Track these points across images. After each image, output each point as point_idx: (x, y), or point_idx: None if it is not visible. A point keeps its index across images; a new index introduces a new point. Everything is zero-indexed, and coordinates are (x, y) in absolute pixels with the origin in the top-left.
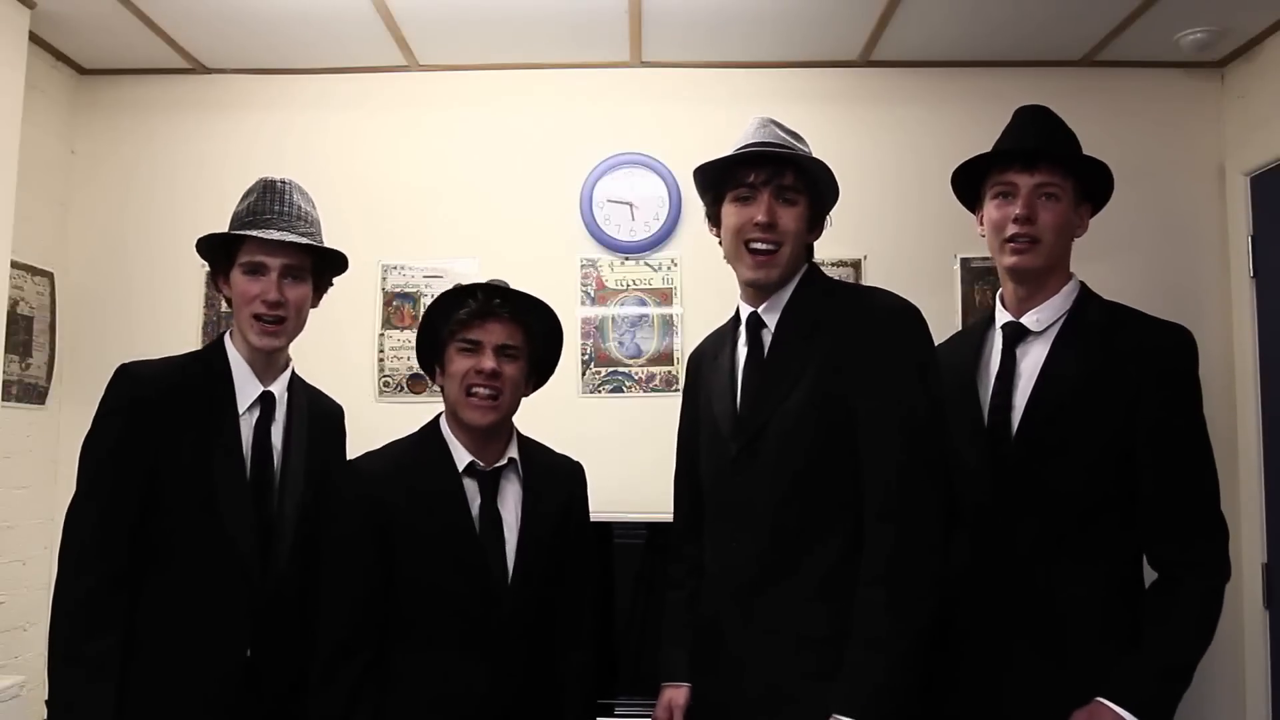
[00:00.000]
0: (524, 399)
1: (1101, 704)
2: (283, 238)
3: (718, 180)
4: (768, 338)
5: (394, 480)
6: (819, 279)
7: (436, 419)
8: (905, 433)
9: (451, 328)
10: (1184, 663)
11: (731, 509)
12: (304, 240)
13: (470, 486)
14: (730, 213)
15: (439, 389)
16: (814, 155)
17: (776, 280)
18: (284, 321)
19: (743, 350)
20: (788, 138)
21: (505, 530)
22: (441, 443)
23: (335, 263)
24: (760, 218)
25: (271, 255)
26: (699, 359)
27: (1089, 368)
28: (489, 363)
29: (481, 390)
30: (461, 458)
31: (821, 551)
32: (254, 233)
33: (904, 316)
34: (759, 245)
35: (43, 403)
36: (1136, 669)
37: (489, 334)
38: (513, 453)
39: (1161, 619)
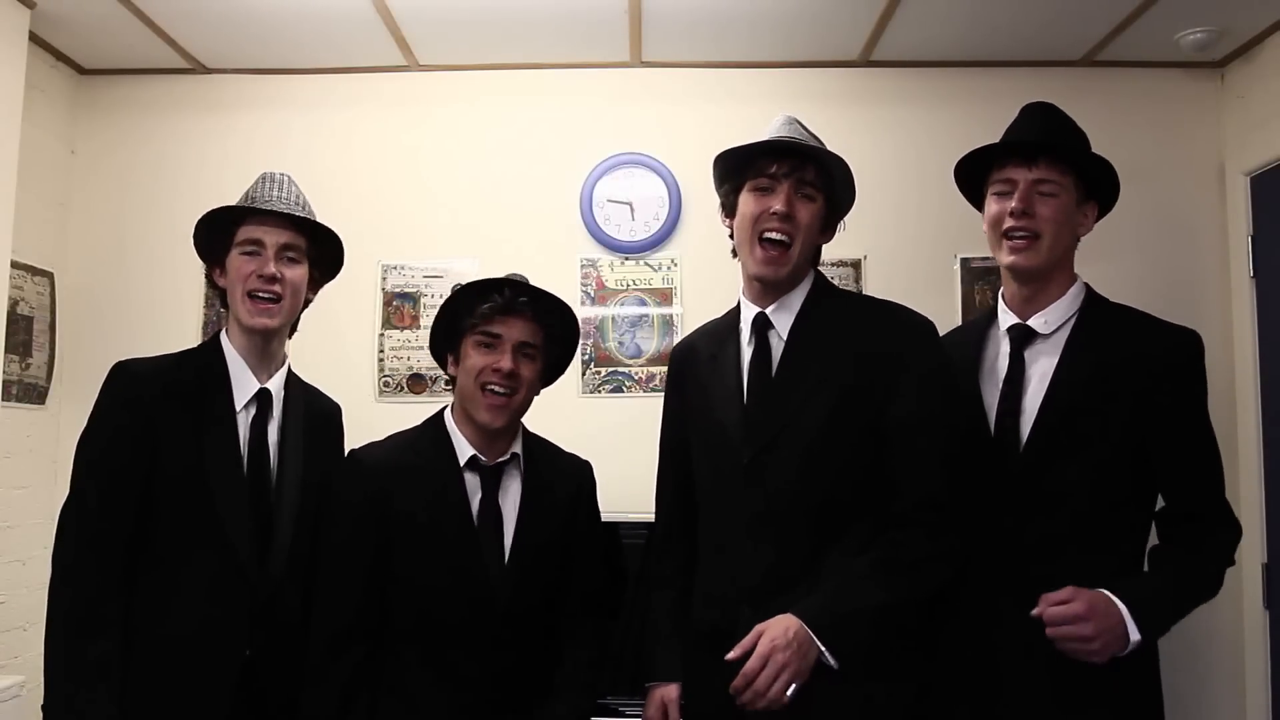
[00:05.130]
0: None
1: (1099, 590)
2: (281, 209)
3: (738, 169)
4: (775, 340)
5: (394, 471)
6: (830, 288)
7: (441, 412)
8: (937, 444)
9: (473, 320)
10: (1184, 592)
11: (744, 515)
12: (301, 214)
13: (471, 480)
14: (748, 201)
15: (448, 380)
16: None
17: (785, 278)
18: (279, 300)
19: (747, 352)
20: (810, 139)
21: (504, 524)
22: (444, 436)
23: (331, 253)
24: (778, 207)
25: (269, 232)
26: (688, 355)
27: (1100, 373)
28: (507, 362)
29: (497, 389)
30: (464, 451)
31: (838, 552)
32: (253, 205)
33: (931, 334)
34: (773, 235)
35: (43, 403)
36: (1140, 578)
37: (511, 330)
38: (516, 448)
39: (1169, 559)
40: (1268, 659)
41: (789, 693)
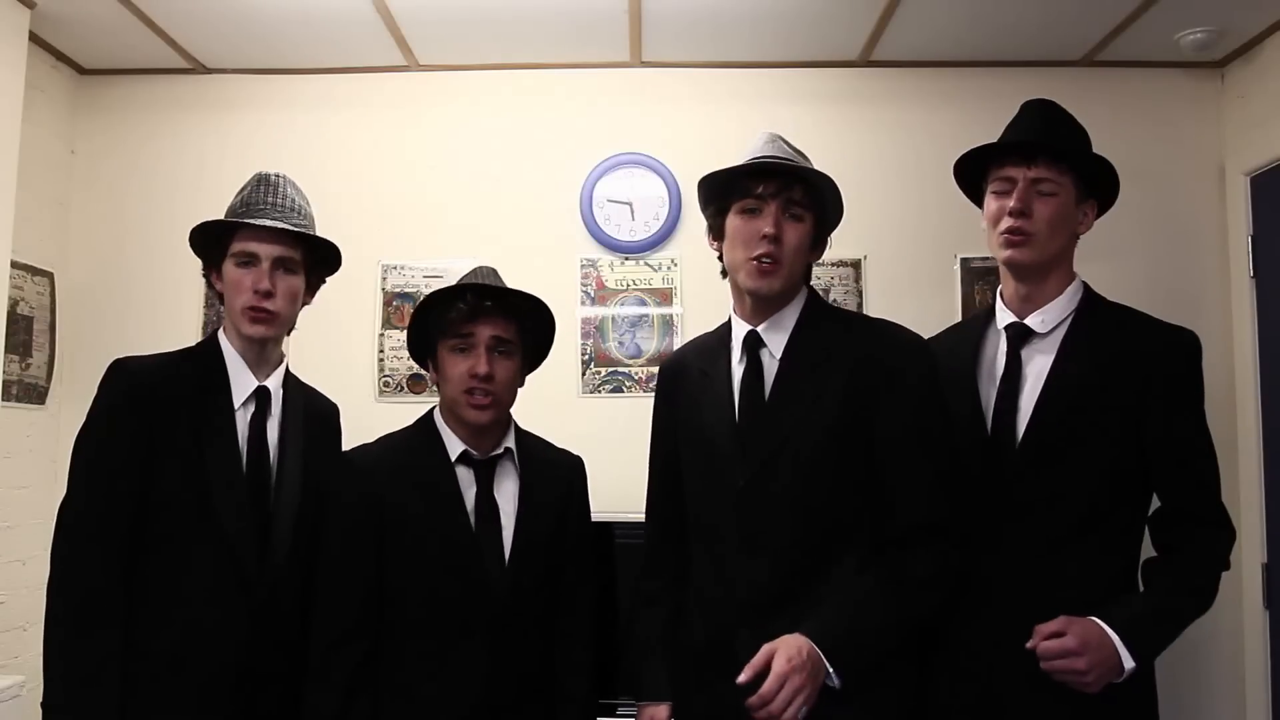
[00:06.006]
0: (522, 395)
1: (1091, 619)
2: (275, 224)
3: (724, 191)
4: (767, 358)
5: (388, 471)
6: (823, 306)
7: (431, 411)
8: (936, 463)
9: (443, 326)
10: (1177, 608)
11: (740, 534)
12: (296, 229)
13: (465, 475)
14: (735, 224)
15: (436, 386)
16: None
17: (778, 293)
18: (275, 312)
19: (738, 369)
20: (795, 155)
21: (502, 518)
22: (435, 433)
23: (328, 258)
24: (767, 229)
25: (263, 245)
26: (679, 370)
27: (1096, 372)
28: (483, 366)
29: (477, 392)
30: (454, 447)
31: (838, 572)
32: (247, 220)
33: (925, 352)
34: (763, 259)
35: (43, 403)
36: (1131, 602)
37: (481, 329)
38: (509, 442)
39: (1161, 575)
40: (1268, 659)
41: (801, 715)
